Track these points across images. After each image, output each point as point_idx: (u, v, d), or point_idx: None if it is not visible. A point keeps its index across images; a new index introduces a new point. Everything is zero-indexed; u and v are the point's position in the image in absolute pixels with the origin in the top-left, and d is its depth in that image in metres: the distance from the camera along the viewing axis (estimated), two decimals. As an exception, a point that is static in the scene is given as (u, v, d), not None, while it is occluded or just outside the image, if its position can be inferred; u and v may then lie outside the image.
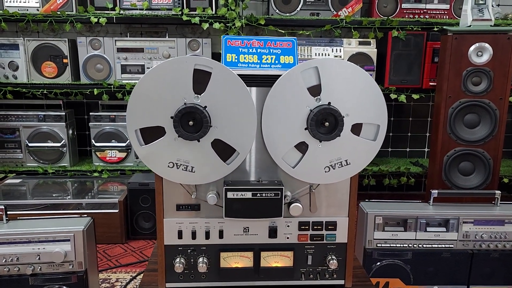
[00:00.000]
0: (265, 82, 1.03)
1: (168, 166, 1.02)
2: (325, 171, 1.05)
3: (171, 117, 0.98)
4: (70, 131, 2.92)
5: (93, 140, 2.87)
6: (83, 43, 2.79)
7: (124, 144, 2.88)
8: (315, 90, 1.01)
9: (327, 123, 1.01)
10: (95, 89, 2.77)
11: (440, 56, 2.36)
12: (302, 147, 1.04)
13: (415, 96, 2.80)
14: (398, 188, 3.23)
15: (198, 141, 0.99)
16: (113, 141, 2.89)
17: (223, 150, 1.02)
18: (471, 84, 2.25)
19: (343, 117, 1.01)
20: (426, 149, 3.34)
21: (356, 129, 1.04)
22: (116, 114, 2.88)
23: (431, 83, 2.78)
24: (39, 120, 2.83)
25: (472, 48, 2.22)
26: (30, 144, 2.85)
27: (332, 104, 1.01)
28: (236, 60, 1.06)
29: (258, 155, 1.07)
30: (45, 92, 2.81)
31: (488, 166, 2.28)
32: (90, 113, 2.89)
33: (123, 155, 2.89)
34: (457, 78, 2.25)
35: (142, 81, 0.98)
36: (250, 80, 1.02)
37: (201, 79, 0.98)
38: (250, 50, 1.07)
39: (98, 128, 2.87)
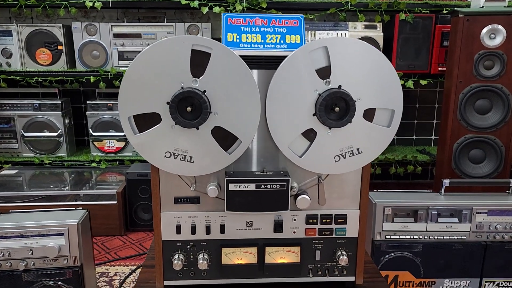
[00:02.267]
0: (270, 63, 0.94)
1: (165, 156, 0.94)
2: (335, 161, 0.97)
3: (167, 103, 0.90)
4: (67, 120, 2.84)
5: (90, 130, 2.79)
6: (78, 28, 2.69)
7: (122, 134, 2.80)
8: (324, 72, 0.92)
9: (337, 108, 0.93)
10: (91, 77, 2.68)
11: (450, 39, 2.26)
12: (310, 135, 0.95)
13: (423, 82, 2.71)
14: (404, 176, 3.15)
15: (197, 128, 0.91)
16: (111, 130, 2.81)
17: (224, 138, 0.94)
18: (483, 68, 2.15)
19: (355, 101, 0.92)
20: (433, 137, 3.25)
21: (369, 114, 0.95)
22: (113, 103, 2.79)
23: (439, 68, 2.68)
24: (35, 109, 2.75)
25: (484, 30, 2.12)
26: (25, 134, 2.77)
27: (343, 87, 0.92)
28: (237, 40, 0.97)
29: (262, 143, 0.99)
30: (39, 80, 2.71)
31: (500, 154, 2.19)
32: (87, 102, 2.80)
33: (121, 144, 2.82)
34: (469, 62, 2.15)
35: (135, 63, 0.89)
36: (253, 61, 0.93)
37: (199, 61, 0.89)
38: (253, 29, 0.98)
39: (96, 117, 2.79)
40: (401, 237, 1.63)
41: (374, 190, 1.74)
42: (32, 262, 1.40)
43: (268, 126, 0.95)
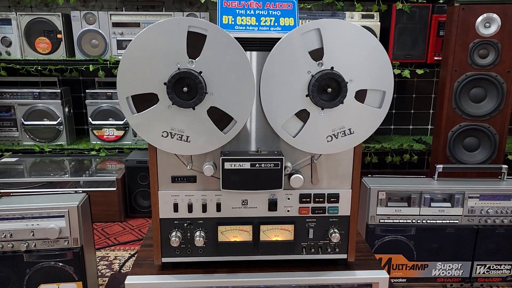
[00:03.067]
0: (264, 45, 0.97)
1: (162, 136, 0.97)
2: (328, 141, 1.00)
3: (164, 83, 0.92)
4: (66, 109, 2.86)
5: (90, 118, 2.82)
6: (77, 17, 2.70)
7: (121, 122, 2.82)
8: (317, 54, 0.95)
9: (329, 89, 0.96)
10: (90, 65, 2.70)
11: (446, 28, 2.28)
12: (303, 115, 0.98)
13: (419, 71, 2.73)
14: (400, 165, 3.19)
15: (193, 108, 0.94)
16: (110, 119, 2.83)
17: (220, 118, 0.96)
18: (478, 56, 2.17)
19: (347, 82, 0.95)
20: (429, 127, 3.28)
21: (361, 95, 0.98)
22: (112, 91, 2.81)
23: (436, 58, 2.70)
24: (34, 97, 2.77)
25: (479, 19, 2.14)
26: (26, 122, 2.79)
27: (335, 68, 0.95)
28: (232, 22, 0.99)
29: (257, 123, 1.02)
30: (39, 68, 2.73)
31: (494, 142, 2.22)
32: (87, 91, 2.82)
33: (120, 133, 2.84)
34: (464, 51, 2.17)
35: (132, 44, 0.92)
36: (248, 43, 0.96)
37: (195, 43, 0.92)
38: (248, 12, 1.00)
39: (95, 106, 2.81)
40: (394, 221, 1.67)
41: (369, 175, 1.77)
42: (34, 243, 1.42)
43: (262, 107, 0.98)
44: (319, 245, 1.10)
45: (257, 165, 0.99)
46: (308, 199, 1.07)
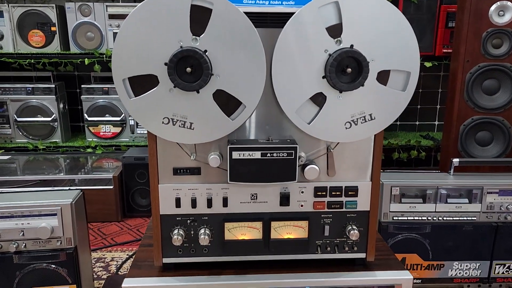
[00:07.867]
0: (276, 21, 0.87)
1: (163, 122, 0.87)
2: (346, 128, 0.90)
3: (165, 64, 0.82)
4: (61, 105, 2.75)
5: (85, 114, 2.72)
6: (71, 9, 2.60)
7: (118, 118, 2.72)
8: (335, 30, 0.85)
9: (349, 70, 0.86)
10: (86, 59, 2.60)
11: (457, 17, 2.19)
12: (319, 99, 0.89)
13: (427, 64, 2.64)
14: (407, 162, 3.09)
15: (198, 92, 0.84)
16: (107, 115, 2.73)
17: (227, 103, 0.87)
18: (491, 46, 2.08)
19: (368, 62, 0.85)
20: (436, 123, 3.19)
21: (383, 77, 0.88)
22: (109, 86, 2.71)
23: (444, 50, 2.61)
24: (28, 93, 2.67)
25: (493, 7, 2.04)
26: (18, 119, 2.69)
27: (355, 47, 0.85)
28: (241, -4, 0.89)
29: (268, 109, 0.92)
30: (32, 62, 2.63)
31: (508, 135, 2.13)
32: (82, 86, 2.72)
33: (117, 130, 2.74)
34: (476, 41, 2.08)
35: (128, 20, 0.82)
36: (258, 19, 0.86)
37: (200, 18, 0.82)
38: (258, -16, 0.90)
39: (91, 102, 2.71)
40: (409, 218, 1.57)
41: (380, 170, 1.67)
42: (24, 244, 1.33)
43: (274, 90, 0.88)
44: (336, 243, 1.00)
45: (269, 154, 0.89)
46: (324, 193, 0.97)
